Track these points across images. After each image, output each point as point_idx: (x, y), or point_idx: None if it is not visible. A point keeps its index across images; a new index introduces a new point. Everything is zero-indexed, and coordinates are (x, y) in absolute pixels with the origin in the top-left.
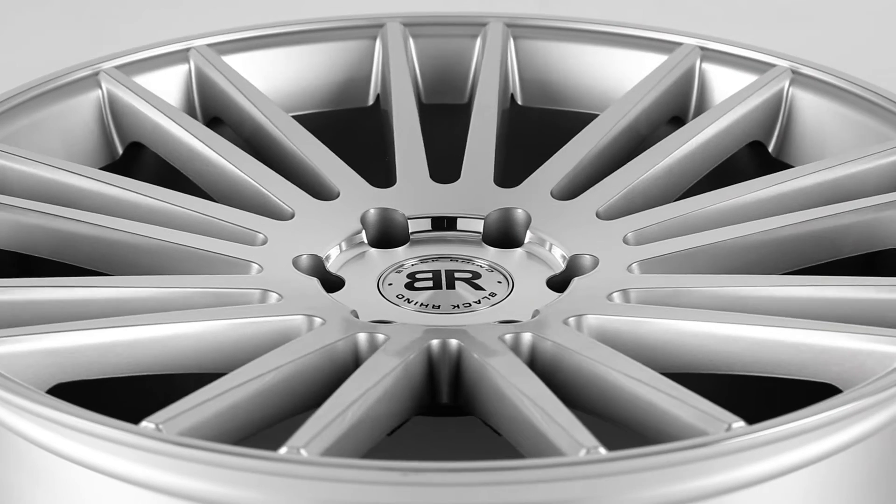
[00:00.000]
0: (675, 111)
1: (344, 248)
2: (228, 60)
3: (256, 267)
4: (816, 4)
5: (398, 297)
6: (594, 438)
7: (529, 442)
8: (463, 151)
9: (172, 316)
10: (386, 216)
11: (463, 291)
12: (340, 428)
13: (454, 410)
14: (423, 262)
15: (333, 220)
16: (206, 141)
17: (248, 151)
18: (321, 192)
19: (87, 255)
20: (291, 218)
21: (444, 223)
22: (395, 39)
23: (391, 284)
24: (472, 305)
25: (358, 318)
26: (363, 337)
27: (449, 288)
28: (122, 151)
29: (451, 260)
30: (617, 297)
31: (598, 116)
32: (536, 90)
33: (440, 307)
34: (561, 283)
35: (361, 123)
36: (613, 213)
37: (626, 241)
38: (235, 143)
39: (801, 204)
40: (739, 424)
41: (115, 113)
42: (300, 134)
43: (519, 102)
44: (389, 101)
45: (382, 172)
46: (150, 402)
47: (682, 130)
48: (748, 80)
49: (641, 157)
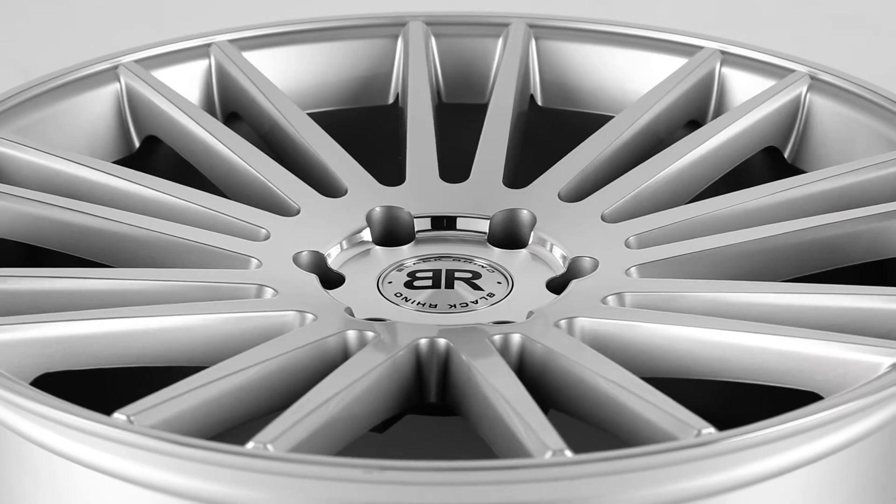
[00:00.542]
0: (693, 115)
1: (347, 245)
2: (251, 56)
3: (255, 262)
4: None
5: (396, 295)
6: (561, 441)
7: (503, 443)
8: None
9: (162, 309)
10: (391, 214)
11: (462, 291)
12: (313, 424)
13: (444, 410)
14: (424, 261)
15: (338, 217)
16: (218, 136)
17: (264, 148)
18: (329, 189)
19: (89, 246)
20: (297, 214)
21: (449, 223)
22: (416, 38)
23: (391, 283)
24: (469, 305)
25: (353, 315)
26: (353, 334)
27: (448, 287)
28: (138, 145)
29: (452, 259)
30: (611, 300)
31: (611, 119)
32: (557, 91)
33: (437, 306)
34: (561, 284)
35: (381, 122)
36: (619, 216)
37: (627, 244)
38: (252, 139)
39: (808, 210)
40: (709, 431)
41: (132, 106)
42: (313, 131)
43: (539, 103)
44: (406, 99)
45: (398, 171)
46: None
47: (694, 134)
48: (768, 85)
49: (651, 160)
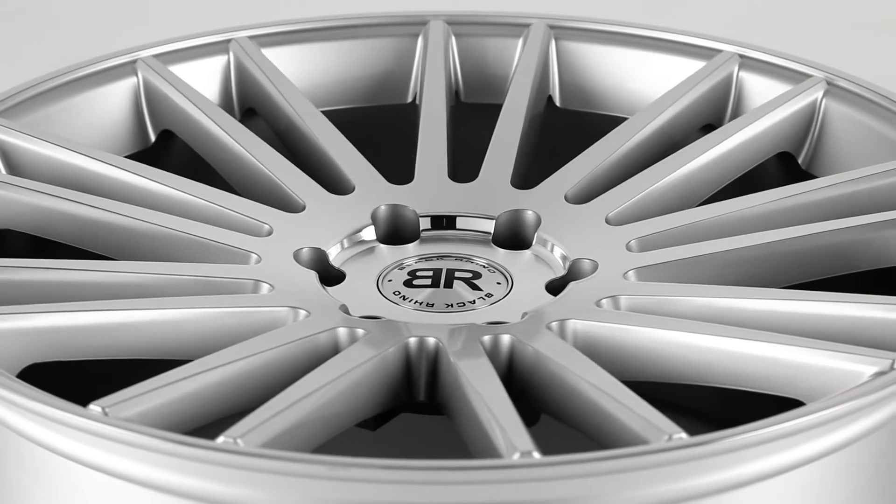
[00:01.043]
0: (709, 119)
1: (351, 242)
2: (271, 53)
3: (255, 257)
4: None
5: (395, 293)
6: (530, 443)
7: (478, 443)
8: None
9: (153, 302)
10: (396, 213)
11: (461, 291)
12: (288, 421)
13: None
14: (426, 260)
15: (343, 214)
16: (230, 132)
17: (279, 144)
18: (338, 186)
19: (93, 238)
20: (302, 211)
21: (454, 222)
22: (436, 37)
23: (391, 281)
24: (466, 305)
25: (348, 312)
26: (343, 332)
27: (447, 287)
28: (154, 139)
29: (455, 259)
30: (606, 303)
31: (624, 121)
32: (575, 93)
33: (434, 305)
34: (560, 286)
35: (399, 120)
36: (623, 218)
37: (629, 247)
38: (267, 135)
39: (815, 216)
40: (680, 436)
41: (149, 101)
42: (325, 128)
43: (557, 104)
44: (421, 98)
45: (411, 169)
46: None
47: (704, 139)
48: (785, 90)
49: (660, 163)
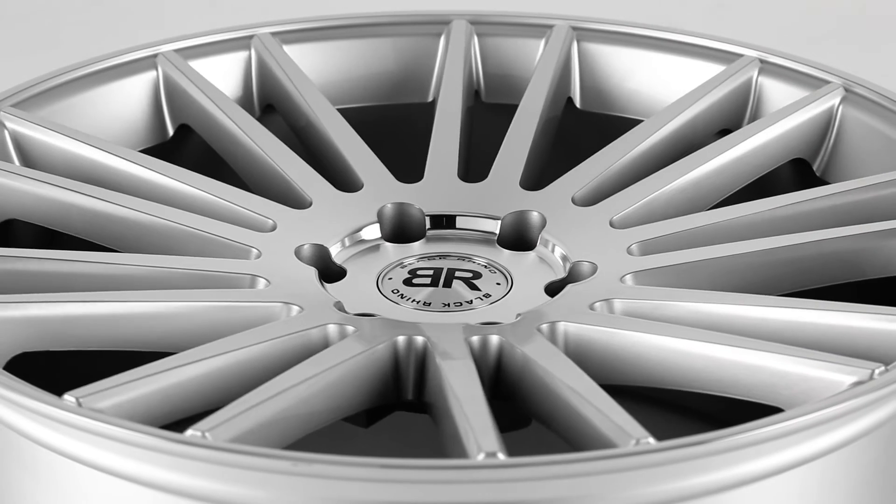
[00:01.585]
0: (727, 123)
1: (355, 240)
2: (292, 49)
3: (255, 252)
4: None
5: (393, 292)
6: (497, 444)
7: (452, 443)
8: None
9: (147, 294)
10: (402, 211)
11: (459, 290)
12: (260, 416)
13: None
14: (428, 259)
15: (349, 211)
16: (244, 128)
17: (295, 141)
18: (347, 183)
19: (99, 230)
20: (308, 207)
21: (459, 222)
22: (457, 37)
23: (391, 279)
24: (463, 305)
25: (343, 310)
26: (333, 328)
27: (446, 286)
28: (172, 133)
29: (456, 258)
30: (600, 306)
31: (639, 123)
32: (595, 94)
33: (431, 304)
34: (558, 288)
35: (419, 119)
36: (628, 222)
37: (629, 251)
38: (283, 131)
39: (821, 223)
40: (648, 440)
41: (168, 95)
42: (339, 126)
43: (577, 106)
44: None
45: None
46: None
47: (716, 143)
48: (804, 95)
49: (670, 167)
